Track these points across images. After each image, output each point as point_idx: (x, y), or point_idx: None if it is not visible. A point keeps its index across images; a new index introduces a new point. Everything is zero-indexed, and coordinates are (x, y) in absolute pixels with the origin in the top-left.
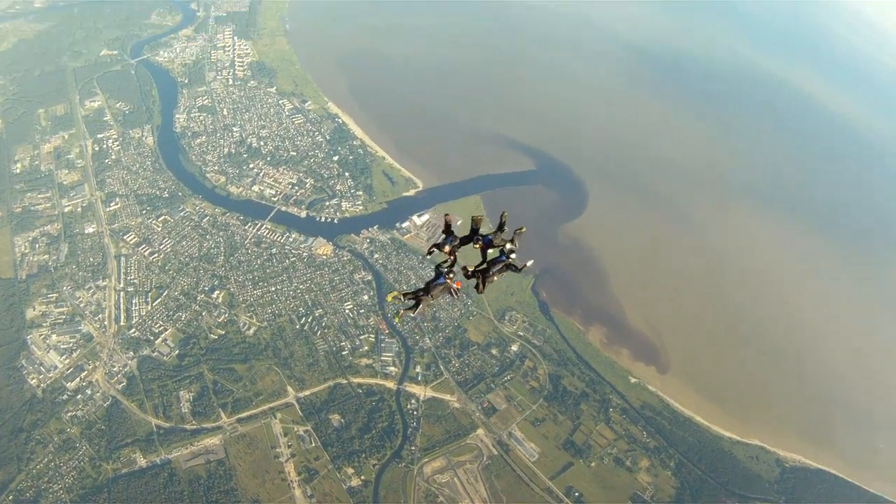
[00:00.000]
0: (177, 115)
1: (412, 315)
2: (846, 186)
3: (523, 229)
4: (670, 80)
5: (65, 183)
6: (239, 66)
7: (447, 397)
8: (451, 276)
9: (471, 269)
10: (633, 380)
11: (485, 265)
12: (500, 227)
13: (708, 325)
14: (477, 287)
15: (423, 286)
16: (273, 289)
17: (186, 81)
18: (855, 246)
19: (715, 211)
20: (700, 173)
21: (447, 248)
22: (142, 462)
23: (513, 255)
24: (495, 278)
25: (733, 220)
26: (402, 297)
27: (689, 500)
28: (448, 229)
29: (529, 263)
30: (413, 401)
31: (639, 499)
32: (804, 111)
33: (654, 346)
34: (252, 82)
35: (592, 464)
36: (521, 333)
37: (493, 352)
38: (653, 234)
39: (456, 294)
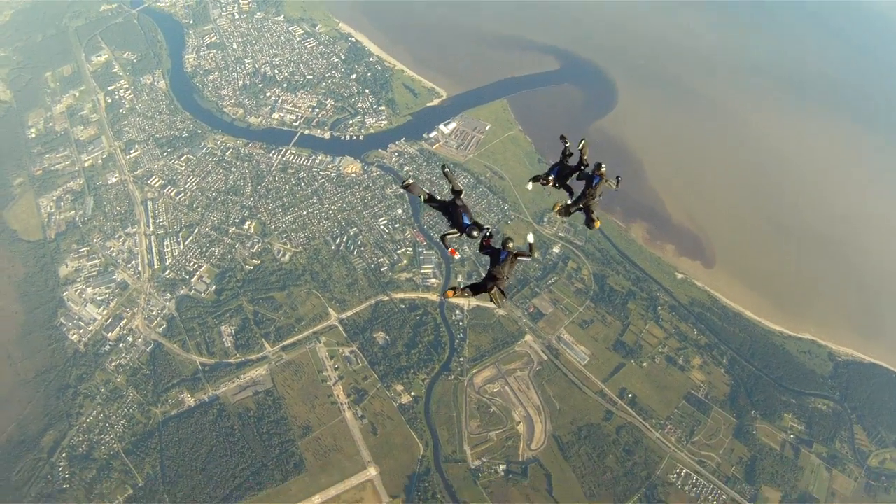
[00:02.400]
0: (186, 56)
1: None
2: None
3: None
4: None
5: (81, 139)
6: None
7: (492, 305)
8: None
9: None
10: (679, 276)
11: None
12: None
13: (750, 218)
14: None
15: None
16: (304, 213)
17: (191, 22)
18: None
19: (750, 103)
20: (733, 67)
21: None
22: (190, 401)
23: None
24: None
25: (770, 112)
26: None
27: (744, 396)
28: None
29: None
30: (457, 311)
31: (693, 397)
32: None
33: (698, 240)
34: (258, 13)
35: (644, 364)
36: (562, 234)
37: (535, 255)
38: (687, 127)
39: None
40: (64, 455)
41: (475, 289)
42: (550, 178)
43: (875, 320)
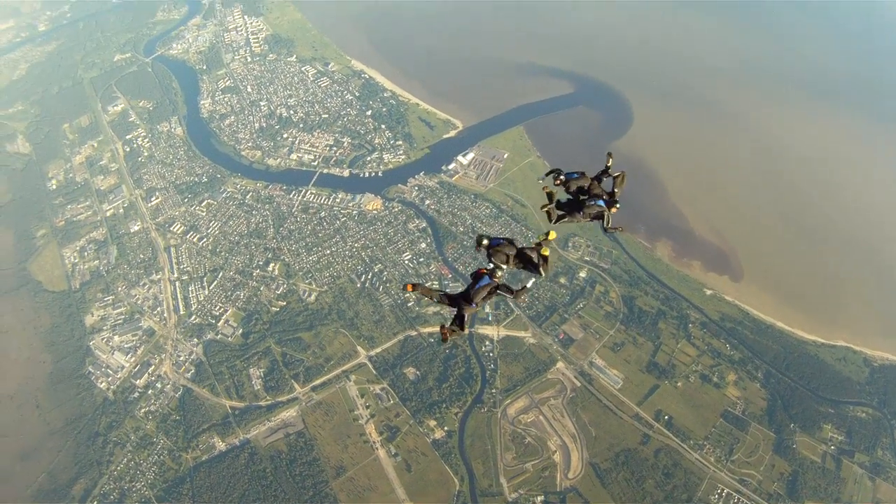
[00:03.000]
0: (201, 102)
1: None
2: None
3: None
4: None
5: (102, 188)
6: (254, 42)
7: (522, 334)
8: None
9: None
10: (708, 291)
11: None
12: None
13: (775, 227)
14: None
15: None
16: (328, 252)
17: (205, 68)
18: None
19: (766, 109)
20: (744, 75)
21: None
22: (221, 446)
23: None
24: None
25: (790, 117)
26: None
27: (782, 410)
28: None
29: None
30: (487, 342)
31: (730, 415)
32: (853, 9)
33: (724, 254)
34: (271, 56)
35: (679, 384)
36: (588, 258)
37: (562, 280)
38: (705, 140)
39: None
40: (96, 503)
41: (450, 299)
42: (561, 177)
43: None
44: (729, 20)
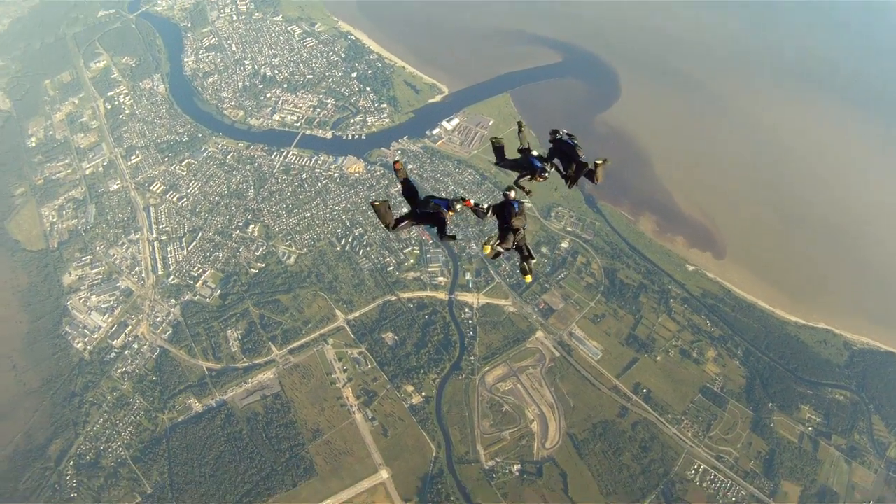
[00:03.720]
0: (185, 59)
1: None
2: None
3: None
4: None
5: (82, 146)
6: (240, 0)
7: (501, 302)
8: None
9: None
10: (690, 267)
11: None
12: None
13: (760, 208)
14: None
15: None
16: (308, 214)
17: (189, 25)
18: None
19: (756, 95)
20: (739, 60)
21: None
22: (197, 407)
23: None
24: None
25: (779, 103)
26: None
27: (761, 389)
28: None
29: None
30: (467, 309)
31: (708, 391)
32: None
33: (708, 231)
34: (256, 14)
35: (658, 358)
36: (570, 229)
37: (544, 250)
38: (693, 118)
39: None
40: (71, 464)
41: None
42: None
43: (890, 308)
44: (733, 9)
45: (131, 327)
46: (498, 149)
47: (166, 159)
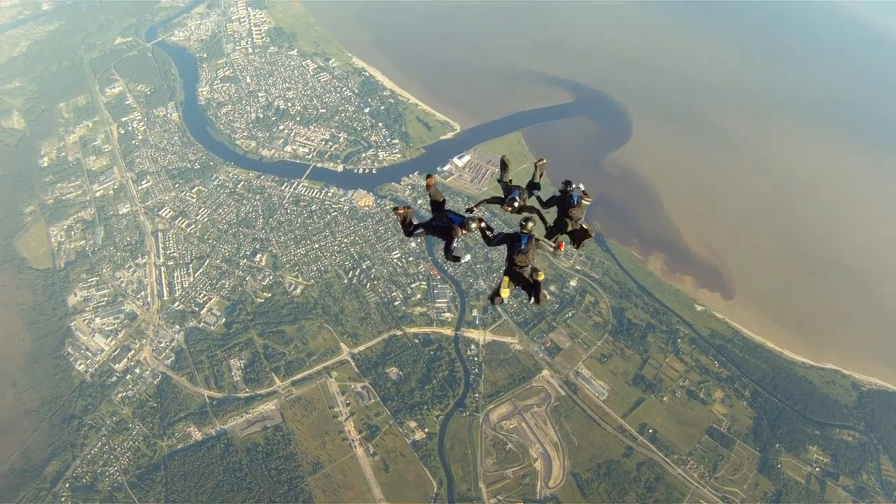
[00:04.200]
0: (200, 89)
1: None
2: None
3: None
4: (704, 8)
5: (94, 169)
6: (256, 34)
7: (508, 340)
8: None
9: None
10: (698, 308)
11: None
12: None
13: (769, 247)
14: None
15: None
16: (317, 245)
17: (205, 56)
18: None
19: (766, 133)
20: (744, 96)
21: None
22: (197, 435)
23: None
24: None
25: (787, 142)
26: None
27: (768, 430)
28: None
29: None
30: (473, 346)
31: (715, 432)
32: (849, 33)
33: (717, 272)
34: (272, 48)
35: (665, 398)
36: (579, 268)
37: (552, 289)
38: (702, 157)
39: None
40: (67, 486)
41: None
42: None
43: None
44: (732, 41)
45: (134, 351)
46: (504, 165)
47: (177, 186)
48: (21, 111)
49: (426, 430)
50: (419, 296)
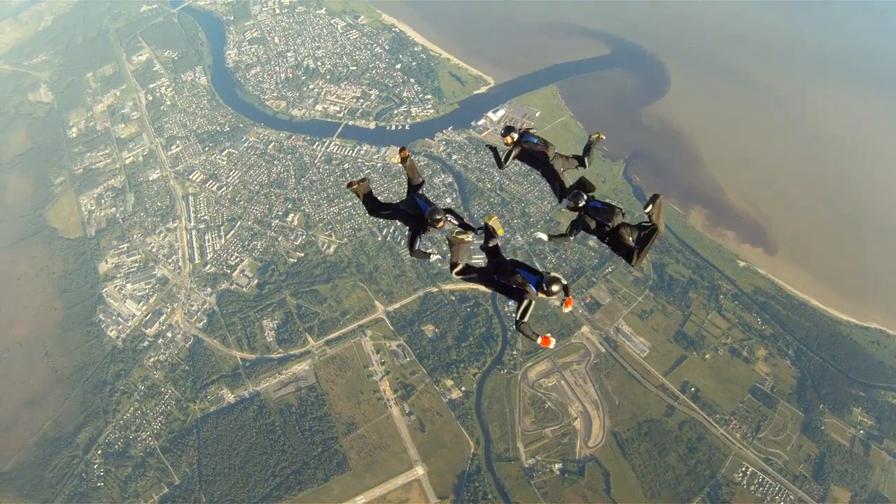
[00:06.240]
0: (227, 52)
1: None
2: None
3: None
4: None
5: (122, 137)
6: None
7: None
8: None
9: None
10: (741, 263)
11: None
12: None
13: (813, 203)
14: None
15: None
16: (350, 203)
17: (232, 19)
18: None
19: (810, 90)
20: (792, 53)
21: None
22: (230, 398)
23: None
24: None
25: (830, 100)
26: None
27: (812, 390)
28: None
29: None
30: (510, 303)
31: (758, 391)
32: None
33: (759, 227)
34: (299, 8)
35: (707, 356)
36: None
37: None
38: (743, 112)
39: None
40: (99, 452)
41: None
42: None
43: None
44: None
45: (166, 315)
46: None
47: (207, 149)
48: (48, 84)
49: (463, 388)
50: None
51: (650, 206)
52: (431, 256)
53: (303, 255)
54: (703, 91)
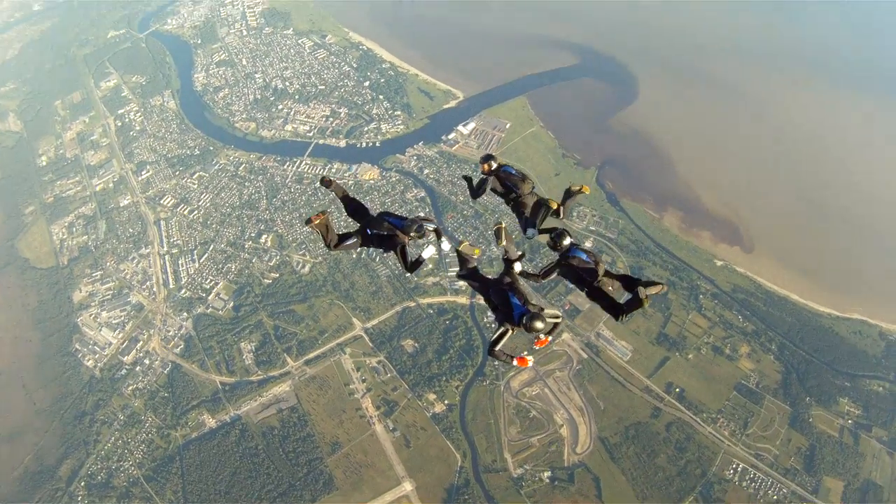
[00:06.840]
0: (195, 75)
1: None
2: None
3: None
4: None
5: (92, 163)
6: (251, 16)
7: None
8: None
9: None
10: (718, 262)
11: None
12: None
13: (786, 200)
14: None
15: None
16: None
17: (199, 42)
18: None
19: (778, 90)
20: (757, 52)
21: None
22: (211, 423)
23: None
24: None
25: (799, 98)
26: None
27: (797, 383)
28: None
29: None
30: (489, 313)
31: (743, 387)
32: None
33: (734, 225)
34: (267, 29)
35: (690, 356)
36: (593, 228)
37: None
38: (711, 114)
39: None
40: (83, 484)
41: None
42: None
43: None
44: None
45: (142, 342)
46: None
47: (177, 173)
48: (17, 113)
49: (446, 401)
50: (431, 265)
51: (650, 289)
52: (426, 254)
53: (278, 275)
54: (672, 95)
